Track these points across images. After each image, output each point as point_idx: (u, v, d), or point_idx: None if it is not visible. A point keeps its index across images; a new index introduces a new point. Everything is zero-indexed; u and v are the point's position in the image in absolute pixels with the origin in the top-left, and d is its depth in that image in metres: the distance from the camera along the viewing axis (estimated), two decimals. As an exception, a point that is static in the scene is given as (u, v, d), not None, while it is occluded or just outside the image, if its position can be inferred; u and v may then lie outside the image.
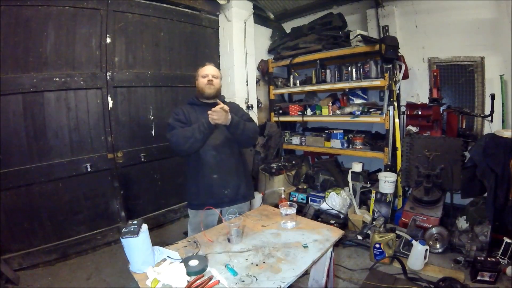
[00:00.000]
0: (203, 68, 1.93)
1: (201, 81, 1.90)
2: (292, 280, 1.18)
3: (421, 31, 3.43)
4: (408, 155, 2.97)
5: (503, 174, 2.27)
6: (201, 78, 1.90)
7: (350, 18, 3.85)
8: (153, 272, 1.19)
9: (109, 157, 2.83)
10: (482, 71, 3.07)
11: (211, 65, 1.96)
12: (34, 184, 2.43)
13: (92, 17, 2.64)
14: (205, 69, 1.91)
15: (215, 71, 1.93)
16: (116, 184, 2.89)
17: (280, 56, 4.11)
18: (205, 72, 1.89)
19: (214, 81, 1.89)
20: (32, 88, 2.36)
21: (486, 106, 3.05)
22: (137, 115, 3.04)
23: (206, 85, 1.87)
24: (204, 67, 1.93)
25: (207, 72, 1.89)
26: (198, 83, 1.92)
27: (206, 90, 1.87)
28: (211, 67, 1.93)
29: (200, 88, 1.90)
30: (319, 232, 1.57)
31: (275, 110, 4.22)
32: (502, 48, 2.90)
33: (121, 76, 2.87)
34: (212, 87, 1.88)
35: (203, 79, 1.88)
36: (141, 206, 3.15)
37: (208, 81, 1.87)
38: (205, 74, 1.89)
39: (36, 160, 2.44)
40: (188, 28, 3.42)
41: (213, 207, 1.73)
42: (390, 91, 3.11)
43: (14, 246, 2.38)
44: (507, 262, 2.14)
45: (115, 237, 2.87)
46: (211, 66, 1.96)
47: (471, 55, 3.13)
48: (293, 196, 3.46)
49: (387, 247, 2.38)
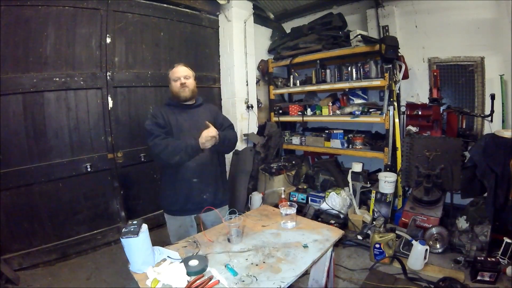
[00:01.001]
0: (173, 71, 1.84)
1: (174, 85, 1.82)
2: (292, 280, 1.18)
3: (421, 31, 3.42)
4: (408, 155, 2.97)
5: (503, 174, 2.27)
6: (173, 82, 1.82)
7: (350, 18, 3.85)
8: (153, 272, 1.19)
9: (109, 157, 2.83)
10: (482, 71, 3.07)
11: (180, 66, 1.87)
12: (34, 184, 2.44)
13: (92, 17, 2.64)
14: (176, 72, 1.82)
15: (186, 71, 1.85)
16: (116, 184, 2.89)
17: (280, 56, 4.11)
18: (176, 75, 1.81)
19: (187, 82, 1.81)
20: (32, 88, 2.36)
21: (486, 106, 3.05)
22: (137, 115, 3.04)
23: (180, 89, 1.79)
24: (174, 69, 1.84)
25: (178, 75, 1.81)
26: (171, 87, 1.84)
27: (181, 94, 1.80)
28: (181, 68, 1.84)
29: (175, 93, 1.82)
30: (319, 232, 1.57)
31: (275, 110, 4.22)
32: (502, 48, 2.90)
33: (121, 76, 2.87)
34: (186, 89, 1.80)
35: (176, 83, 1.80)
36: (141, 206, 3.15)
37: (181, 84, 1.79)
38: (176, 77, 1.81)
39: (36, 160, 2.44)
40: (188, 28, 3.42)
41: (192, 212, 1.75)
42: (390, 91, 3.11)
43: (14, 246, 2.38)
44: (507, 262, 2.14)
45: (115, 237, 2.87)
46: (181, 66, 1.86)
47: (471, 55, 3.13)
48: (293, 196, 3.45)
49: (387, 247, 2.38)
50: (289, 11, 4.30)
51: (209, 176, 1.84)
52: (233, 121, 3.67)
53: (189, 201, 1.80)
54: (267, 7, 4.15)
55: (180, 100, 1.83)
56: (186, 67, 1.87)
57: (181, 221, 1.84)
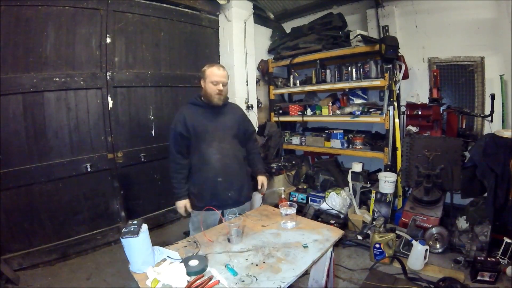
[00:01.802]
0: (212, 71, 1.76)
1: (210, 87, 1.76)
2: (292, 280, 1.18)
3: (421, 31, 3.42)
4: (408, 155, 2.97)
5: (503, 174, 2.27)
6: (210, 84, 1.76)
7: (350, 18, 3.85)
8: (153, 272, 1.19)
9: (109, 157, 2.83)
10: (482, 71, 3.07)
11: (221, 68, 1.79)
12: (34, 184, 2.43)
13: (92, 17, 2.64)
14: (216, 74, 1.75)
15: (226, 77, 1.80)
16: (116, 184, 2.89)
17: (280, 56, 4.11)
18: (216, 79, 1.74)
19: (224, 90, 1.78)
20: (32, 88, 2.36)
21: (486, 106, 3.05)
22: (137, 115, 3.04)
23: (216, 95, 1.76)
24: (215, 70, 1.76)
25: (217, 79, 1.74)
26: (206, 87, 1.78)
27: (215, 100, 1.78)
28: (222, 72, 1.77)
29: (209, 95, 1.78)
30: (319, 232, 1.57)
31: (275, 110, 4.22)
32: (502, 48, 2.90)
33: (121, 76, 2.87)
34: (221, 97, 1.78)
35: (213, 86, 1.75)
36: (141, 206, 3.15)
37: (219, 91, 1.75)
38: (216, 81, 1.74)
39: (36, 160, 2.44)
40: (188, 28, 3.42)
41: (217, 208, 1.73)
42: (390, 91, 3.11)
43: (14, 246, 2.38)
44: (507, 262, 2.14)
45: (115, 237, 2.87)
46: (222, 69, 1.79)
47: (471, 55, 3.12)
48: (293, 196, 3.46)
49: (387, 247, 2.38)
50: (289, 11, 4.30)
51: (233, 174, 1.86)
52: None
53: (215, 198, 1.82)
54: (267, 7, 4.16)
55: (211, 103, 1.80)
56: (225, 70, 1.82)
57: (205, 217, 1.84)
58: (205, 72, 1.79)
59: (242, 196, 1.93)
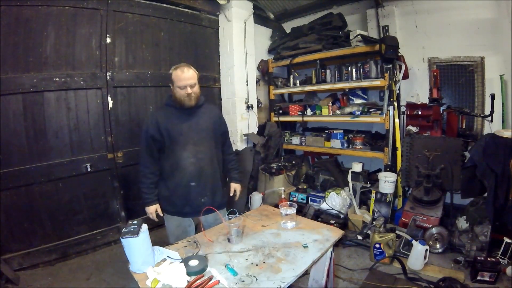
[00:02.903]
0: (177, 76, 1.67)
1: (177, 91, 1.69)
2: (292, 280, 1.18)
3: (421, 31, 3.42)
4: (408, 155, 2.97)
5: (503, 174, 2.27)
6: (177, 89, 1.68)
7: (350, 18, 3.85)
8: (153, 272, 1.19)
9: (109, 157, 2.83)
10: (482, 71, 3.07)
11: (186, 69, 1.68)
12: (34, 184, 2.43)
13: (92, 17, 2.64)
14: (181, 78, 1.66)
15: (193, 78, 1.69)
16: (116, 184, 2.89)
17: (280, 56, 4.11)
18: (182, 83, 1.66)
19: (194, 91, 1.69)
20: (32, 88, 2.36)
21: (486, 106, 3.05)
22: (137, 115, 3.04)
23: (185, 98, 1.69)
24: (179, 73, 1.67)
25: (184, 83, 1.66)
26: (175, 92, 1.71)
27: (186, 103, 1.71)
28: (187, 74, 1.67)
29: (178, 99, 1.70)
30: (319, 232, 1.57)
31: (275, 110, 4.22)
32: (502, 48, 2.90)
33: (121, 76, 2.87)
34: (192, 98, 1.70)
35: (181, 91, 1.67)
36: (141, 206, 3.11)
37: (187, 95, 1.67)
38: (182, 85, 1.66)
39: (36, 160, 2.44)
40: (188, 28, 3.42)
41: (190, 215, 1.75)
42: (390, 91, 3.11)
43: (14, 246, 2.38)
44: (507, 262, 2.14)
45: (115, 237, 2.87)
46: (187, 70, 1.68)
47: (471, 55, 3.12)
48: (293, 196, 3.45)
49: (387, 247, 2.38)
50: (289, 11, 4.30)
51: (207, 179, 1.80)
52: (233, 121, 3.70)
53: (188, 204, 1.78)
54: (267, 7, 4.15)
55: (183, 107, 1.74)
56: (191, 69, 1.71)
57: (180, 221, 1.83)
58: (171, 76, 1.71)
59: (215, 202, 1.82)
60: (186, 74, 1.67)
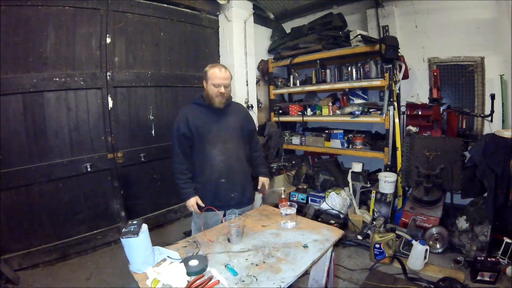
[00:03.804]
0: (214, 73, 1.72)
1: (211, 89, 1.73)
2: (292, 280, 1.18)
3: (421, 31, 3.43)
4: (408, 155, 2.97)
5: (503, 174, 2.27)
6: (211, 86, 1.72)
7: (350, 18, 3.85)
8: (153, 272, 1.19)
9: (109, 157, 2.82)
10: (482, 71, 3.07)
11: (223, 70, 1.74)
12: (34, 184, 2.43)
13: (92, 17, 2.63)
14: (218, 77, 1.71)
15: (228, 78, 1.75)
16: (116, 184, 2.89)
17: (280, 56, 4.11)
18: (217, 81, 1.71)
19: (226, 92, 1.74)
20: (32, 88, 2.36)
21: (486, 106, 3.05)
22: (137, 115, 3.04)
23: (217, 97, 1.73)
24: (216, 73, 1.72)
25: (219, 82, 1.71)
26: (208, 89, 1.75)
27: (216, 102, 1.75)
28: (223, 74, 1.73)
29: (210, 97, 1.75)
30: (319, 232, 1.57)
31: (275, 110, 4.22)
32: (502, 48, 2.90)
33: (121, 76, 2.87)
34: (223, 99, 1.75)
35: (214, 89, 1.72)
36: (141, 206, 3.15)
37: (220, 94, 1.72)
38: (217, 83, 1.71)
39: (36, 160, 2.43)
40: (188, 28, 3.42)
41: (219, 209, 1.73)
42: (390, 91, 3.11)
43: (14, 246, 2.38)
44: (507, 262, 2.14)
45: (115, 237, 2.87)
46: (223, 70, 1.74)
47: (471, 55, 3.13)
48: (293, 196, 3.46)
49: (387, 247, 2.38)
50: (289, 11, 4.30)
51: (236, 175, 1.85)
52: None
53: (217, 199, 1.82)
54: (267, 7, 4.15)
55: (212, 106, 1.77)
56: (227, 70, 1.78)
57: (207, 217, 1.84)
58: (207, 73, 1.76)
59: (245, 197, 1.91)
60: (223, 74, 1.74)
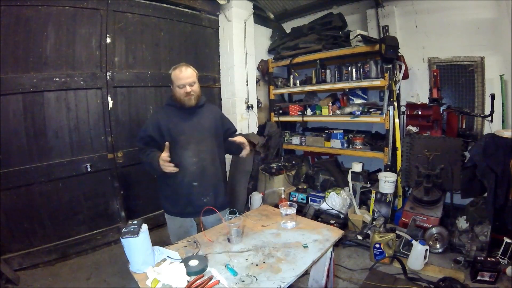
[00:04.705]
0: (176, 75, 1.68)
1: (178, 91, 1.69)
2: (292, 280, 1.18)
3: (421, 31, 3.42)
4: (408, 155, 2.97)
5: (503, 174, 2.27)
6: (177, 88, 1.69)
7: (350, 18, 3.85)
8: (153, 272, 1.19)
9: (109, 157, 2.83)
10: (482, 71, 3.07)
11: (184, 68, 1.69)
12: (34, 184, 2.43)
13: (92, 17, 2.64)
14: (180, 77, 1.67)
15: (192, 77, 1.70)
16: (116, 184, 2.89)
17: (280, 56, 4.10)
18: (181, 82, 1.67)
19: (193, 89, 1.70)
20: (32, 88, 2.36)
21: (486, 106, 3.05)
22: (137, 115, 3.04)
23: (185, 98, 1.69)
24: (177, 73, 1.68)
25: (183, 82, 1.66)
26: (175, 92, 1.72)
27: (186, 103, 1.71)
28: (186, 73, 1.68)
29: (179, 99, 1.71)
30: (319, 232, 1.57)
31: (275, 110, 4.22)
32: (502, 48, 2.90)
33: (121, 76, 2.87)
34: (192, 97, 1.70)
35: (180, 90, 1.68)
36: (141, 206, 3.15)
37: (187, 94, 1.68)
38: (181, 84, 1.67)
39: (36, 160, 2.44)
40: (188, 28, 3.42)
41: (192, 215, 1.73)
42: (390, 91, 3.11)
43: (14, 246, 2.38)
44: (507, 262, 2.14)
45: (115, 237, 2.87)
46: (185, 69, 1.69)
47: (471, 55, 3.12)
48: (293, 196, 3.45)
49: (387, 247, 2.38)
50: (289, 11, 4.30)
51: (210, 179, 1.79)
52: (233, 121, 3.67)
53: (190, 204, 1.77)
54: (267, 7, 4.15)
55: (184, 107, 1.74)
56: (189, 67, 1.72)
57: (181, 222, 1.83)
58: (170, 76, 1.73)
59: (218, 202, 1.80)
60: (184, 73, 1.68)
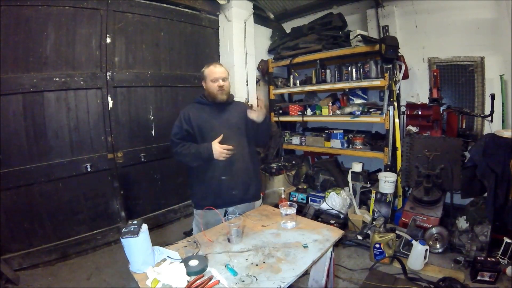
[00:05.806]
0: (211, 70, 1.81)
1: (211, 85, 1.80)
2: (292, 280, 1.18)
3: (421, 31, 3.42)
4: (408, 155, 2.97)
5: (503, 174, 2.27)
6: (210, 82, 1.80)
7: (350, 18, 3.85)
8: (153, 272, 1.19)
9: (109, 157, 2.83)
10: (482, 71, 3.07)
11: (218, 66, 1.84)
12: (34, 184, 2.43)
13: (92, 17, 2.64)
14: (215, 72, 1.80)
15: (224, 72, 1.83)
16: (116, 184, 2.89)
17: (280, 56, 4.11)
18: (215, 76, 1.79)
19: (225, 84, 1.81)
20: (32, 88, 2.36)
21: (486, 106, 3.05)
22: (137, 115, 3.04)
23: (218, 91, 1.79)
24: (212, 69, 1.81)
25: (216, 76, 1.78)
26: (208, 86, 1.82)
27: (219, 97, 1.80)
28: (220, 69, 1.82)
29: (211, 93, 1.81)
30: (319, 232, 1.57)
31: (275, 110, 4.22)
32: (502, 48, 2.90)
33: (121, 76, 2.87)
34: (224, 92, 1.80)
35: (214, 84, 1.79)
36: (141, 206, 3.15)
37: (220, 87, 1.78)
38: (215, 78, 1.78)
39: (36, 160, 2.44)
40: (188, 28, 3.42)
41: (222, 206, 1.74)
42: (390, 91, 3.11)
43: (14, 246, 2.38)
44: (507, 262, 2.14)
45: (115, 237, 2.87)
46: (219, 66, 1.84)
47: (471, 55, 3.12)
48: (293, 196, 3.46)
49: (387, 247, 2.38)
50: (289, 11, 4.30)
51: (239, 173, 1.82)
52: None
53: (219, 197, 1.81)
54: (267, 7, 4.16)
55: (216, 101, 1.82)
56: (222, 65, 1.86)
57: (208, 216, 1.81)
58: (204, 72, 1.84)
59: (248, 194, 1.89)
60: (218, 69, 1.82)
